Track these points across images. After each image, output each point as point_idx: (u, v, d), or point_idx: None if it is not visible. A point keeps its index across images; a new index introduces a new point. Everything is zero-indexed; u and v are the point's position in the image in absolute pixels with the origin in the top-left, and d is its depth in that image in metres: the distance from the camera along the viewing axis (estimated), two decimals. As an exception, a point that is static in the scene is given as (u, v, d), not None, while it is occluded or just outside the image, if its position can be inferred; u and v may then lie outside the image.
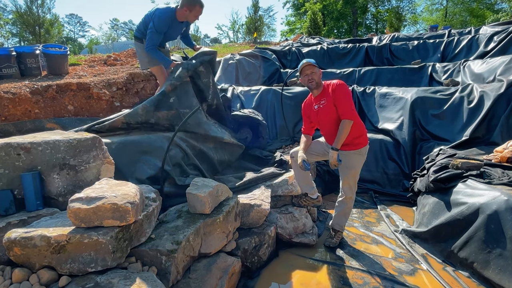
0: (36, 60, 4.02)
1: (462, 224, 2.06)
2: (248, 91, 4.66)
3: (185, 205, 1.93)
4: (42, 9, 9.50)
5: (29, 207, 1.53)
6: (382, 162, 3.58)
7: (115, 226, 1.32)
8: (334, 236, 2.36)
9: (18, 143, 1.54)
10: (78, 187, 1.63)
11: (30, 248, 1.24)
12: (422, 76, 5.01)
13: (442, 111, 3.61)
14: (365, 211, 3.05)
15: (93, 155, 1.69)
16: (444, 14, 22.22)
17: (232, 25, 21.48)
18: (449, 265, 2.04)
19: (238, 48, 9.00)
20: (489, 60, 4.40)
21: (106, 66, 5.35)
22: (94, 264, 1.27)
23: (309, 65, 2.15)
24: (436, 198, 2.45)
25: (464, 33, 6.81)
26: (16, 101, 3.03)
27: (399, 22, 15.58)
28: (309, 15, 15.08)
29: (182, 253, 1.54)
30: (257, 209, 2.12)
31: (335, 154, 2.06)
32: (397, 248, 2.32)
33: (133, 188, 1.46)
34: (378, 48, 6.39)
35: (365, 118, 4.06)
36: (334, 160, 2.06)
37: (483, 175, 2.35)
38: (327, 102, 2.14)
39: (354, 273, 2.01)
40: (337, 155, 2.06)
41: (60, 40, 11.44)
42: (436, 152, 3.03)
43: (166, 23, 2.83)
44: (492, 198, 1.97)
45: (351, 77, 5.32)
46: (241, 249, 1.98)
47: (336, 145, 2.06)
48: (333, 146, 2.08)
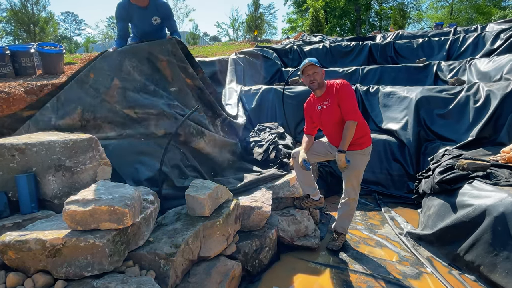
0: (31, 59, 3.97)
1: (468, 227, 2.03)
2: (249, 91, 4.62)
3: (184, 208, 1.91)
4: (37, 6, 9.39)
5: (23, 209, 1.51)
6: (386, 163, 3.54)
7: (112, 229, 1.31)
8: (337, 239, 2.33)
9: (12, 144, 1.52)
10: (74, 189, 1.61)
11: (25, 252, 1.23)
12: (427, 74, 4.94)
13: (448, 110, 3.55)
14: (368, 213, 3.01)
15: (89, 156, 1.67)
16: (450, 11, 22.01)
17: (232, 23, 21.39)
18: (455, 268, 2.01)
19: (238, 47, 8.95)
20: (496, 58, 4.33)
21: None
22: (90, 268, 1.25)
23: (311, 65, 2.11)
24: (441, 200, 2.43)
25: (470, 30, 6.72)
26: (10, 101, 2.99)
27: (403, 19, 15.41)
28: (311, 13, 14.97)
29: (181, 257, 1.52)
30: (258, 212, 2.09)
31: (342, 157, 2.05)
32: (402, 251, 2.29)
33: (131, 190, 1.45)
34: (382, 46, 6.31)
35: (368, 118, 4.01)
36: (343, 162, 2.06)
37: (489, 176, 2.32)
38: (331, 103, 2.11)
39: (357, 277, 1.98)
40: (345, 157, 2.06)
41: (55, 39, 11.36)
42: (441, 152, 3.00)
43: (122, 8, 2.70)
44: (499, 199, 1.94)
45: (354, 76, 5.26)
46: (242, 252, 1.95)
47: (342, 147, 2.05)
48: (340, 149, 2.07)
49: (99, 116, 2.25)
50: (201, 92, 2.88)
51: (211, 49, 9.17)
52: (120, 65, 2.44)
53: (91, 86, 2.32)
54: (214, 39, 28.03)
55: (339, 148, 2.07)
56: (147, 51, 2.60)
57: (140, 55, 2.57)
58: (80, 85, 2.31)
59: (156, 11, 2.82)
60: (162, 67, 2.64)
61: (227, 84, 5.00)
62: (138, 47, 2.61)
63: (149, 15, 2.82)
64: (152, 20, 2.86)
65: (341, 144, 2.06)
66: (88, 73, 2.36)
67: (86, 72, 2.37)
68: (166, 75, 2.66)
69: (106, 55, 2.50)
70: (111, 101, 2.32)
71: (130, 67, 2.47)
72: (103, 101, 2.30)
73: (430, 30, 8.48)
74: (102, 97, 2.31)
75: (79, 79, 2.34)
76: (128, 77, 2.43)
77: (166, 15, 2.90)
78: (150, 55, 2.61)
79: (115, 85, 2.35)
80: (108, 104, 2.31)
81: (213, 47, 9.88)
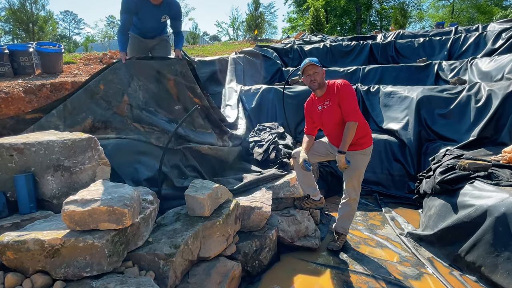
0: (30, 58, 3.96)
1: (469, 227, 2.02)
2: (249, 90, 4.60)
3: (184, 208, 1.90)
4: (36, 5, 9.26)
5: (22, 209, 1.50)
6: (386, 163, 3.53)
7: (111, 229, 1.30)
8: (337, 239, 2.32)
9: (10, 144, 1.51)
10: (73, 189, 1.60)
11: (23, 252, 1.22)
12: (428, 74, 4.92)
13: (449, 110, 3.54)
14: (369, 214, 3.00)
15: (88, 156, 1.66)
16: (451, 10, 21.96)
17: (232, 22, 21.33)
18: (456, 269, 2.01)
19: (238, 46, 8.94)
20: (497, 58, 4.32)
21: (102, 64, 5.27)
22: (89, 268, 1.24)
23: (311, 65, 2.09)
24: (442, 200, 2.42)
25: (471, 30, 6.70)
26: (9, 101, 2.98)
27: (404, 19, 15.36)
28: (312, 12, 14.95)
29: (180, 257, 1.51)
30: (258, 212, 2.08)
31: (342, 158, 2.05)
32: (403, 251, 2.28)
33: (130, 190, 1.44)
34: (383, 45, 6.29)
35: (369, 117, 4.00)
36: (343, 163, 2.06)
37: (491, 177, 2.31)
38: (332, 103, 2.10)
39: (358, 277, 1.97)
40: (345, 158, 2.06)
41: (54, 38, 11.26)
42: (442, 152, 2.99)
43: (132, 1, 2.62)
44: (501, 200, 1.94)
45: (354, 75, 5.24)
46: (242, 253, 1.94)
47: (342, 148, 2.05)
48: (340, 150, 2.06)
49: (110, 126, 2.31)
50: (209, 112, 2.92)
51: (211, 48, 9.16)
52: (128, 81, 2.48)
53: (102, 98, 2.35)
54: (214, 39, 27.99)
55: (339, 149, 2.06)
56: (155, 69, 2.64)
57: (148, 73, 2.61)
58: (89, 95, 2.33)
59: (168, 9, 2.77)
60: (170, 86, 2.69)
61: (227, 83, 4.98)
62: (147, 64, 2.63)
63: (160, 13, 2.77)
64: (161, 17, 2.81)
65: (341, 145, 2.05)
66: (97, 84, 2.37)
67: (95, 83, 2.38)
68: (172, 93, 2.71)
69: (117, 68, 2.50)
70: (122, 114, 2.38)
71: (137, 85, 2.51)
72: (115, 114, 2.35)
73: (431, 29, 8.45)
74: (114, 110, 2.35)
75: (89, 89, 2.34)
76: (135, 94, 2.48)
77: (176, 15, 2.87)
78: (158, 74, 2.65)
79: (125, 101, 2.41)
80: (120, 117, 2.37)
81: (213, 47, 9.87)
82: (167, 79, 2.66)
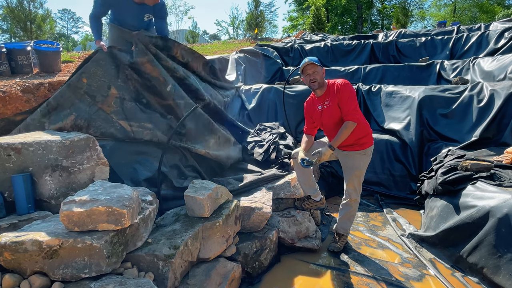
0: (27, 57, 3.92)
1: (471, 228, 2.01)
2: (249, 90, 4.58)
3: (183, 208, 1.89)
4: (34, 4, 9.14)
5: (20, 210, 1.50)
6: (388, 163, 3.51)
7: (110, 230, 1.30)
8: (338, 240, 2.30)
9: (8, 144, 1.50)
10: (71, 189, 1.59)
11: (21, 253, 1.21)
12: (430, 74, 4.89)
13: (451, 110, 3.51)
14: (370, 215, 2.98)
15: (86, 156, 1.64)
16: (453, 9, 21.88)
17: (232, 21, 21.22)
18: (458, 270, 2.00)
19: (238, 45, 8.90)
20: (500, 58, 4.29)
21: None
22: (88, 269, 1.24)
23: (311, 64, 2.07)
24: (444, 201, 2.40)
25: (474, 29, 6.66)
26: (6, 100, 2.96)
27: (405, 18, 15.29)
28: (312, 11, 14.90)
29: (180, 258, 1.50)
30: (258, 213, 2.07)
31: (329, 153, 2.04)
32: (404, 253, 2.26)
33: (129, 190, 1.43)
34: (384, 45, 6.26)
35: (370, 117, 3.97)
36: (326, 157, 2.05)
37: (493, 177, 2.29)
38: (331, 103, 2.08)
39: (359, 279, 1.96)
40: (328, 155, 2.04)
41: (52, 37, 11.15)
42: (444, 153, 2.97)
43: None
44: (503, 200, 1.92)
45: (356, 75, 5.22)
46: (242, 254, 1.93)
47: (333, 144, 2.03)
48: (330, 144, 2.04)
49: (93, 125, 2.12)
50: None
51: (211, 47, 9.13)
52: (116, 72, 2.29)
53: (86, 93, 2.17)
54: (214, 38, 27.90)
55: (330, 143, 2.03)
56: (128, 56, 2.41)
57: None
58: (72, 90, 2.16)
59: (151, 9, 2.61)
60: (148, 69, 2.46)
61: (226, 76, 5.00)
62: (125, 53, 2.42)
63: (142, 11, 2.60)
64: (144, 16, 2.65)
65: (334, 140, 2.02)
66: (80, 78, 2.19)
67: (77, 77, 2.20)
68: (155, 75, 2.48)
69: (99, 58, 2.30)
70: (108, 110, 2.20)
71: (125, 75, 2.33)
72: (99, 110, 2.17)
73: (433, 28, 8.41)
74: (99, 106, 2.18)
75: (71, 84, 2.18)
76: (125, 86, 2.30)
77: (161, 16, 2.70)
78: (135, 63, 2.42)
79: (113, 94, 2.22)
80: (104, 114, 2.18)
81: (213, 46, 9.83)
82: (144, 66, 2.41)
